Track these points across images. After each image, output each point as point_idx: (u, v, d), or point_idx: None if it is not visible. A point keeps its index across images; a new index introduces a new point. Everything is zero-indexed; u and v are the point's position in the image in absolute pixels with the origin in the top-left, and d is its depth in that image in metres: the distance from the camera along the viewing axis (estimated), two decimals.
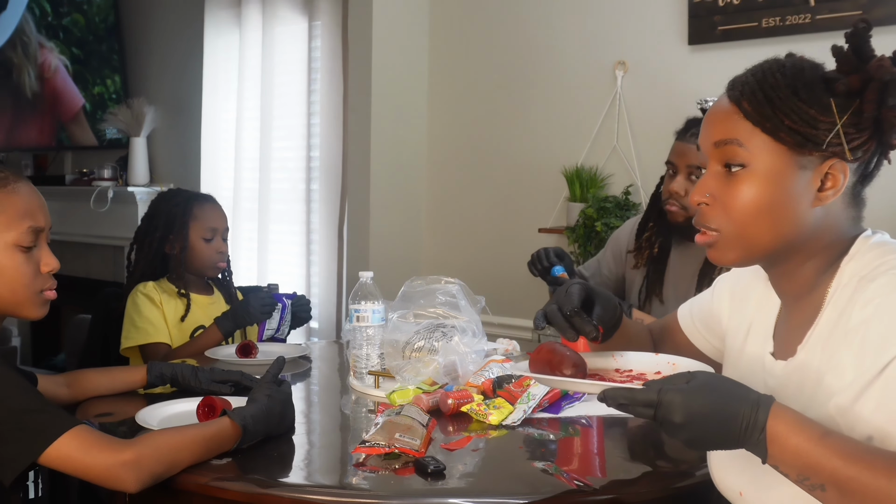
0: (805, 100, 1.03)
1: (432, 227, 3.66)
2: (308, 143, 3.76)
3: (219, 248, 2.36)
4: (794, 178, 1.03)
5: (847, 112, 1.02)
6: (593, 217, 2.93)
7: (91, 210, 4.50)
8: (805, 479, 0.93)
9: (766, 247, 1.07)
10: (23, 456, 1.24)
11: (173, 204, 2.36)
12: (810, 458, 0.92)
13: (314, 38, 3.73)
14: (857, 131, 1.02)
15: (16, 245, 1.39)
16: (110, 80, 4.85)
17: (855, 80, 1.02)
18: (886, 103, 1.01)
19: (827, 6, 2.56)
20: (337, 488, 1.32)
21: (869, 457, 0.91)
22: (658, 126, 2.28)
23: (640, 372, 1.25)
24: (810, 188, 1.04)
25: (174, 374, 1.77)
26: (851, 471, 0.90)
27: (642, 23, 3.00)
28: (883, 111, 1.01)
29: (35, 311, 1.44)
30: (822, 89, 1.03)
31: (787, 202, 1.04)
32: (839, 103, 1.02)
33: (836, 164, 1.03)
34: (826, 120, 1.02)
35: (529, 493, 1.24)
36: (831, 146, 1.02)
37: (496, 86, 3.41)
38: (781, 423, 0.94)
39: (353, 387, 1.89)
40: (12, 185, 1.41)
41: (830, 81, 1.04)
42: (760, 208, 1.04)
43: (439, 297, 1.95)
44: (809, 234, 1.06)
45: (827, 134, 1.01)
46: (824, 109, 1.02)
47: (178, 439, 1.31)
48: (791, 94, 1.04)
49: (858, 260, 1.05)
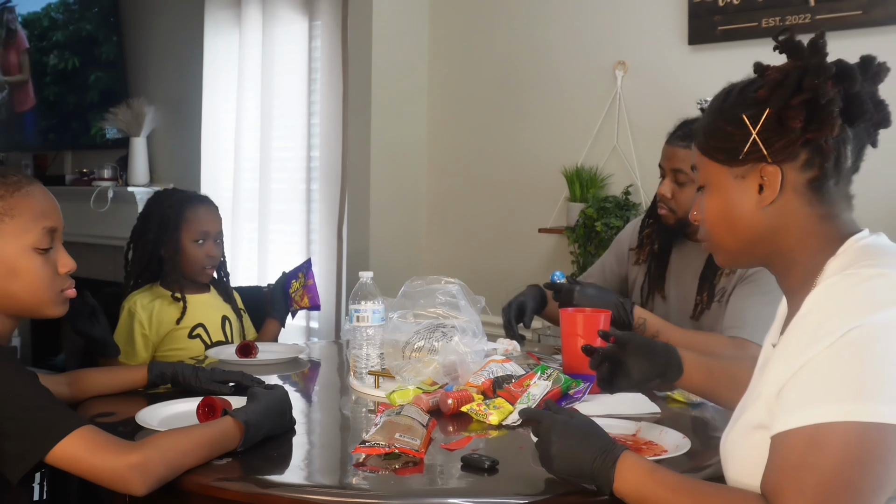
0: (724, 118, 1.14)
1: (432, 227, 3.66)
2: (308, 143, 3.76)
3: (209, 252, 2.33)
4: (735, 188, 1.15)
5: (759, 121, 1.10)
6: (593, 217, 2.93)
7: (91, 210, 4.51)
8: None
9: (735, 249, 1.19)
10: (30, 454, 1.24)
11: (167, 206, 2.33)
12: (645, 488, 1.10)
13: (314, 38, 3.73)
14: (780, 135, 1.09)
15: (34, 248, 1.40)
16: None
17: (762, 92, 1.10)
18: (787, 105, 1.08)
19: (827, 6, 2.56)
20: (337, 488, 1.32)
21: (694, 486, 1.09)
22: (658, 126, 2.28)
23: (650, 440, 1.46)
24: (751, 194, 1.14)
25: (175, 374, 1.77)
26: (678, 500, 1.07)
27: (642, 23, 3.00)
28: (783, 113, 1.09)
29: (56, 310, 1.45)
30: (742, 105, 1.13)
31: (735, 210, 1.15)
32: (752, 115, 1.11)
33: (767, 168, 1.11)
34: (740, 132, 1.12)
35: (529, 493, 1.24)
36: (752, 154, 1.11)
37: (496, 86, 3.41)
38: (626, 461, 1.13)
39: (353, 387, 1.89)
40: (26, 188, 1.41)
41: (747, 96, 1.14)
42: (718, 218, 1.18)
43: (439, 297, 1.95)
44: (770, 233, 1.14)
45: (744, 145, 1.12)
46: (739, 124, 1.12)
47: (184, 441, 1.31)
48: (716, 115, 1.16)
49: (841, 260, 1.08)
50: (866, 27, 2.50)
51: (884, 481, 0.96)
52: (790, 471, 0.97)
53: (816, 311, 1.02)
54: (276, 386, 1.57)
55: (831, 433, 0.95)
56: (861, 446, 0.94)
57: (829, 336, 0.98)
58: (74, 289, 1.48)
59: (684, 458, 1.37)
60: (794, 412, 0.98)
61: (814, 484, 0.95)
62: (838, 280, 1.03)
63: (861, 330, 0.97)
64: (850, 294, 1.01)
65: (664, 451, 1.39)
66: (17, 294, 1.40)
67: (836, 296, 1.02)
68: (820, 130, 1.07)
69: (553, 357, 2.16)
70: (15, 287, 1.39)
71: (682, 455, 1.37)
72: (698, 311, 2.08)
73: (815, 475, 0.95)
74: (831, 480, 0.94)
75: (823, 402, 0.96)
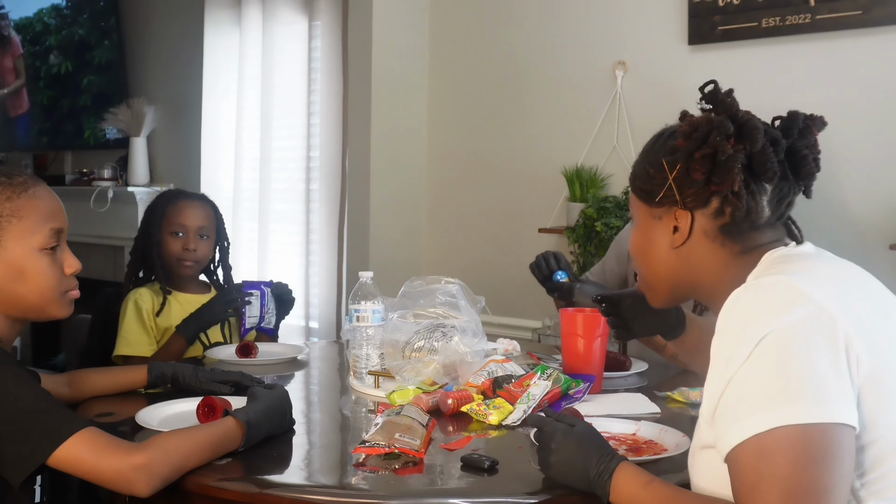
0: (649, 160, 1.21)
1: (432, 227, 3.66)
2: (308, 143, 3.76)
3: (185, 245, 2.32)
4: (653, 227, 1.22)
5: (675, 168, 1.15)
6: (593, 217, 2.93)
7: (91, 210, 4.50)
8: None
9: (656, 286, 1.26)
10: (32, 456, 1.24)
11: (154, 204, 2.39)
12: (639, 500, 1.11)
13: (314, 38, 3.73)
14: (690, 184, 1.15)
15: (41, 249, 1.40)
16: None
17: (679, 141, 1.15)
18: (692, 157, 1.13)
19: (827, 6, 2.56)
20: (337, 488, 1.33)
21: (687, 499, 1.10)
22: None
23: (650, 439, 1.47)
24: (666, 234, 1.20)
25: (175, 374, 1.77)
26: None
27: (642, 23, 3.00)
28: (689, 164, 1.14)
29: (62, 311, 1.45)
30: (664, 150, 1.18)
31: (651, 247, 1.23)
32: (670, 161, 1.16)
33: (679, 212, 1.17)
34: (660, 176, 1.18)
35: (529, 493, 1.24)
36: (667, 198, 1.17)
37: (496, 86, 3.40)
38: (622, 473, 1.14)
39: (353, 387, 1.89)
40: (32, 189, 1.41)
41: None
42: (639, 252, 1.26)
43: (439, 297, 1.95)
44: (684, 271, 1.20)
45: (661, 188, 1.17)
46: (659, 168, 1.18)
47: (187, 442, 1.31)
48: (644, 156, 1.23)
49: (754, 273, 1.12)
50: (866, 27, 2.50)
51: (842, 475, 0.96)
52: (752, 487, 0.97)
53: (727, 325, 1.05)
54: (276, 386, 1.57)
55: (775, 439, 0.96)
56: (808, 446, 0.95)
57: (744, 349, 1.00)
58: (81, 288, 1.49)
59: (684, 457, 1.37)
60: (733, 427, 0.99)
61: (778, 493, 0.95)
62: (741, 292, 1.06)
63: (772, 336, 0.99)
64: (753, 304, 1.03)
65: (664, 451, 1.39)
66: (24, 296, 1.40)
67: (742, 308, 1.04)
68: (723, 184, 1.12)
69: (553, 357, 2.16)
70: (22, 289, 1.39)
71: (681, 454, 1.37)
72: (697, 311, 2.08)
73: (776, 484, 0.95)
74: (793, 485, 0.95)
75: (757, 412, 0.97)
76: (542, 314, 3.15)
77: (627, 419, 1.55)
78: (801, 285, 1.02)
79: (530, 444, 1.51)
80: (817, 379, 0.97)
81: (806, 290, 1.01)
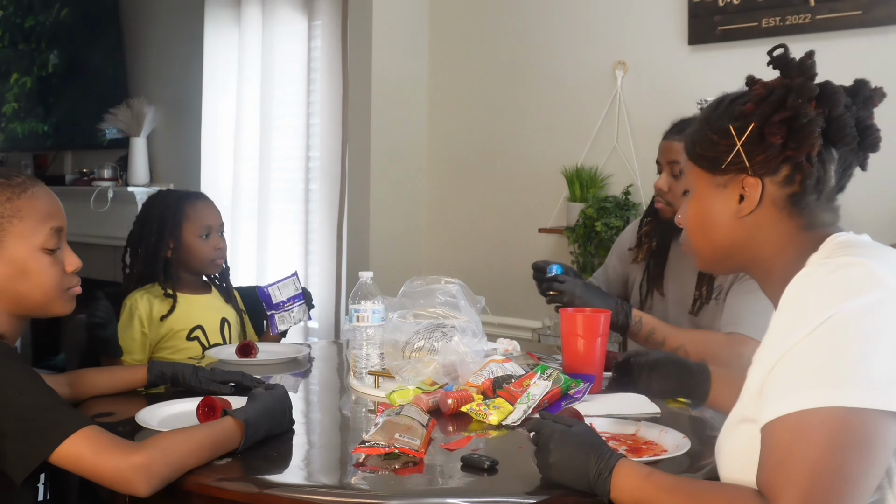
0: (712, 127, 1.16)
1: (432, 227, 3.66)
2: (307, 143, 3.76)
3: (216, 245, 2.36)
4: (716, 196, 1.17)
5: (744, 133, 1.12)
6: (593, 217, 2.93)
7: (91, 210, 4.51)
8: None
9: (712, 255, 1.21)
10: (34, 453, 1.25)
11: (164, 206, 2.35)
12: (641, 494, 1.11)
13: (314, 38, 3.73)
14: (761, 149, 1.12)
15: (42, 248, 1.42)
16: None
17: (749, 105, 1.12)
18: (769, 121, 1.10)
19: (827, 6, 2.56)
20: (337, 488, 1.32)
21: (690, 485, 1.10)
22: (658, 126, 2.28)
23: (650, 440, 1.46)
24: (731, 203, 1.16)
25: (175, 374, 1.77)
26: (675, 501, 1.08)
27: (642, 23, 3.00)
28: (765, 128, 1.10)
29: (64, 307, 1.47)
30: (729, 116, 1.15)
31: (713, 217, 1.18)
32: (738, 126, 1.13)
33: (748, 180, 1.14)
34: (725, 143, 1.14)
35: (529, 493, 1.24)
36: (734, 165, 1.14)
37: (496, 86, 3.41)
38: (622, 469, 1.14)
39: (353, 387, 1.89)
40: (31, 189, 1.43)
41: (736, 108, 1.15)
42: (696, 223, 1.21)
43: (439, 297, 1.95)
44: (746, 242, 1.17)
45: (727, 155, 1.14)
46: (725, 134, 1.14)
47: (186, 442, 1.31)
48: (704, 123, 1.18)
49: (820, 254, 1.10)
50: (866, 27, 2.50)
51: (872, 465, 0.96)
52: (779, 462, 0.98)
53: (794, 301, 1.03)
54: (276, 386, 1.57)
55: (814, 420, 0.96)
56: (845, 432, 0.95)
57: (807, 325, 0.99)
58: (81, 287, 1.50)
59: (684, 457, 1.37)
60: (777, 402, 0.99)
61: (804, 473, 0.95)
62: (813, 269, 1.05)
63: (838, 317, 0.98)
64: (825, 283, 1.02)
65: (664, 451, 1.39)
66: (27, 294, 1.42)
67: (812, 285, 1.03)
68: (800, 149, 1.09)
69: (553, 357, 2.16)
70: (25, 287, 1.41)
71: (682, 455, 1.37)
72: (697, 306, 2.09)
73: (804, 464, 0.96)
74: (820, 468, 0.95)
75: (804, 389, 0.97)
76: (542, 314, 3.15)
77: (627, 419, 1.55)
78: (878, 269, 1.01)
79: (530, 443, 1.51)
80: (874, 364, 0.96)
81: (881, 275, 1.00)
